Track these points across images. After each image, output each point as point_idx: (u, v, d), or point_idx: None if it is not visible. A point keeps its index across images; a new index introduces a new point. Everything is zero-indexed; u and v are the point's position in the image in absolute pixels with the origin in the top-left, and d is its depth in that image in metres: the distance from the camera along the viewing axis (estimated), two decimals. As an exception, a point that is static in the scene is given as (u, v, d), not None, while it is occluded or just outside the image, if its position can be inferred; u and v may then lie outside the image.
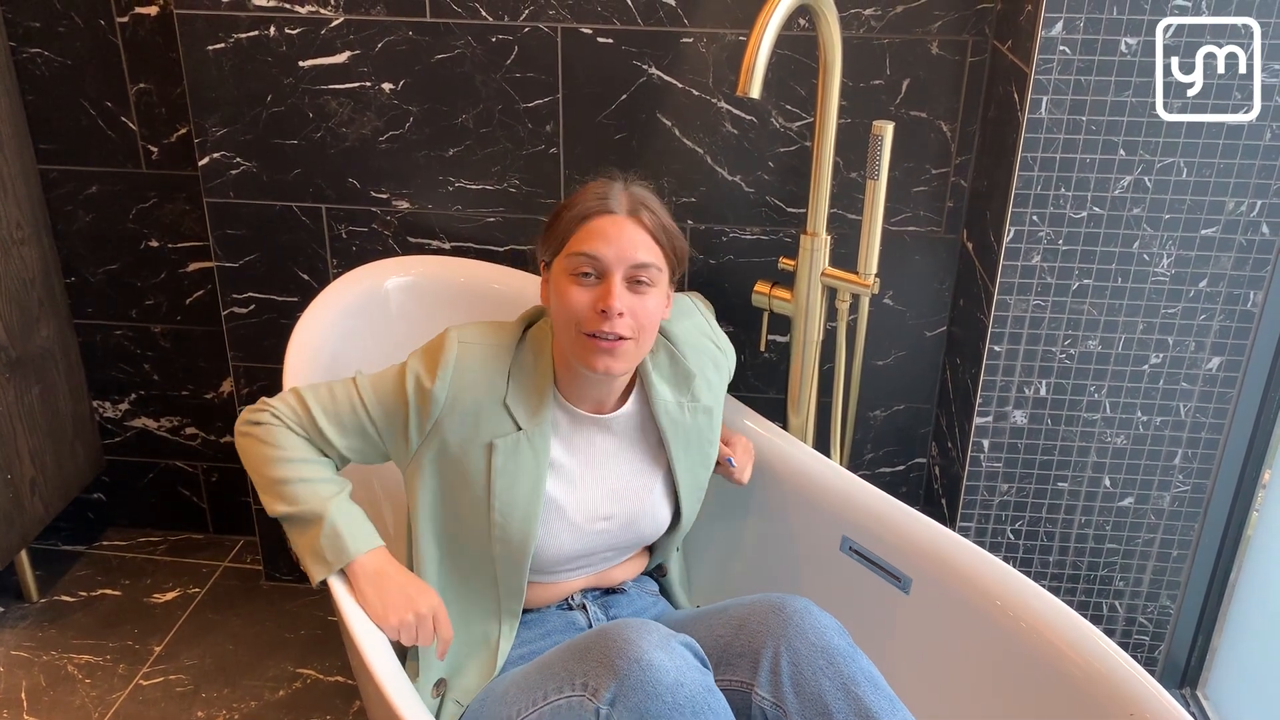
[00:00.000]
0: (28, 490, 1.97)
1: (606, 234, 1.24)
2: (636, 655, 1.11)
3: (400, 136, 1.78)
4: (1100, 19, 1.40)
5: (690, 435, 1.40)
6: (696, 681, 1.12)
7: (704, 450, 1.42)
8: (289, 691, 1.88)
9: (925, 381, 1.89)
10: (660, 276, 1.28)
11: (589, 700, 1.12)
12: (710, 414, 1.42)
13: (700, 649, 1.18)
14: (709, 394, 1.42)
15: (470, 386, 1.29)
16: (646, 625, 1.15)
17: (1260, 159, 1.46)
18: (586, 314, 1.24)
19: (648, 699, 1.09)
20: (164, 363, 2.12)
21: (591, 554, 1.38)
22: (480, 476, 1.29)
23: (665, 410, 1.37)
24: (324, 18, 1.71)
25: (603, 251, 1.24)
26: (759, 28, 1.30)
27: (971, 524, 1.74)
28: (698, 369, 1.40)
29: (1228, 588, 1.74)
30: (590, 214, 1.26)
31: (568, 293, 1.25)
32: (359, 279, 1.71)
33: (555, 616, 1.40)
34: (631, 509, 1.38)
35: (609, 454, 1.37)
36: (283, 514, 1.28)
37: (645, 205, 1.28)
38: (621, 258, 1.24)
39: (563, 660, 1.18)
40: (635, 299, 1.25)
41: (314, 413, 1.31)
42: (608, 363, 1.25)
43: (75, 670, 1.92)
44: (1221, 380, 1.60)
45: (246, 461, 1.33)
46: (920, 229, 1.78)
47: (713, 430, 1.43)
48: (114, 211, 2.00)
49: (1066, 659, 1.24)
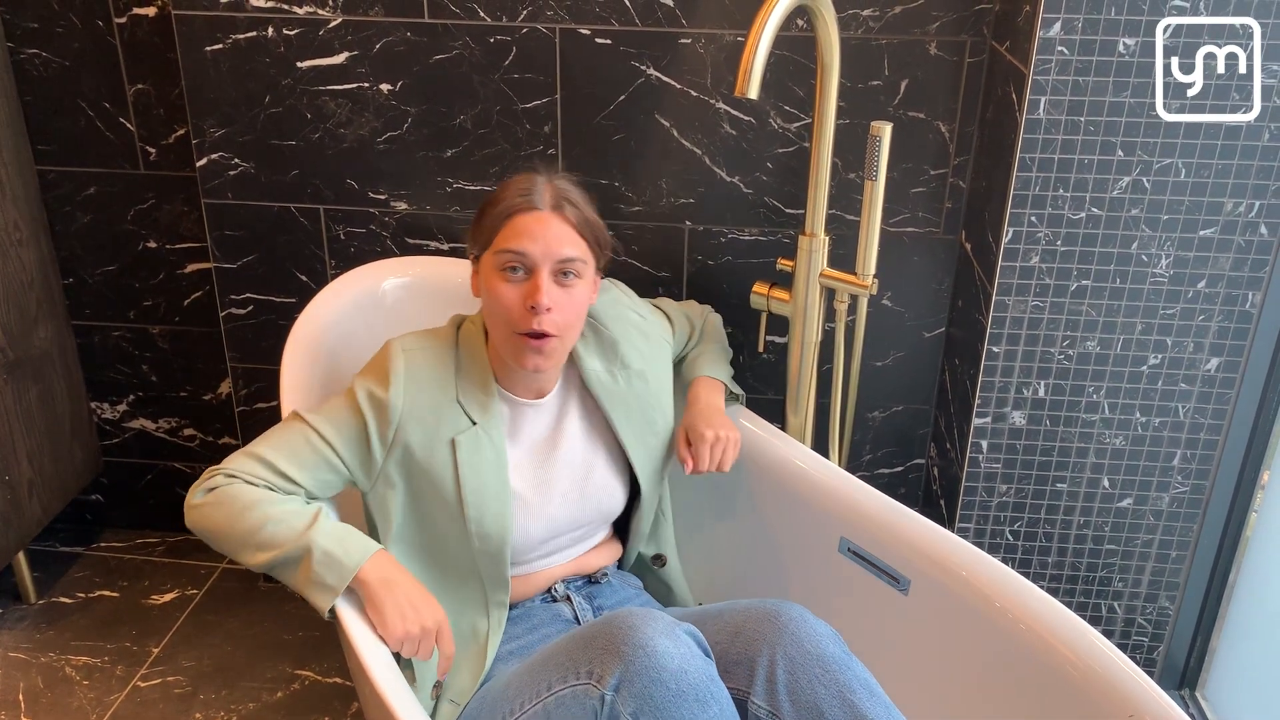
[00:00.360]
0: (25, 491, 1.97)
1: (531, 231, 1.28)
2: (641, 641, 1.12)
3: (398, 137, 1.78)
4: (1098, 19, 1.40)
5: (629, 402, 1.44)
6: (700, 670, 1.13)
7: (647, 415, 1.46)
8: (287, 693, 1.88)
9: (924, 382, 1.89)
10: (586, 268, 1.32)
11: (594, 687, 1.12)
12: (645, 379, 1.46)
13: (703, 638, 1.19)
14: (640, 359, 1.46)
15: (424, 388, 1.33)
16: (651, 613, 1.16)
17: (1258, 159, 1.46)
18: (517, 312, 1.28)
19: (652, 684, 1.10)
20: (162, 364, 2.12)
21: (558, 535, 1.40)
22: (448, 474, 1.32)
23: (598, 380, 1.43)
24: (322, 18, 1.71)
25: (528, 248, 1.28)
26: (757, 28, 1.29)
27: (970, 525, 1.74)
28: (621, 335, 1.45)
29: (1227, 589, 1.74)
30: (514, 210, 1.30)
31: (497, 289, 1.29)
32: (357, 280, 1.71)
33: (541, 609, 1.41)
34: (584, 481, 1.41)
35: (553, 431, 1.41)
36: (267, 563, 1.25)
37: (568, 200, 1.32)
38: (547, 253, 1.28)
39: (566, 650, 1.18)
40: (562, 292, 1.30)
41: (269, 459, 1.28)
42: (537, 361, 1.30)
43: (73, 672, 1.91)
44: (1220, 381, 1.60)
45: (210, 533, 1.27)
46: (919, 230, 1.78)
47: (653, 396, 1.47)
48: (112, 212, 1.99)
49: (1065, 660, 1.24)
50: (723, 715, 1.12)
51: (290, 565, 1.25)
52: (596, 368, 1.43)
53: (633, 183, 1.78)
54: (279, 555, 1.24)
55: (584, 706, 1.13)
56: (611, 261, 1.41)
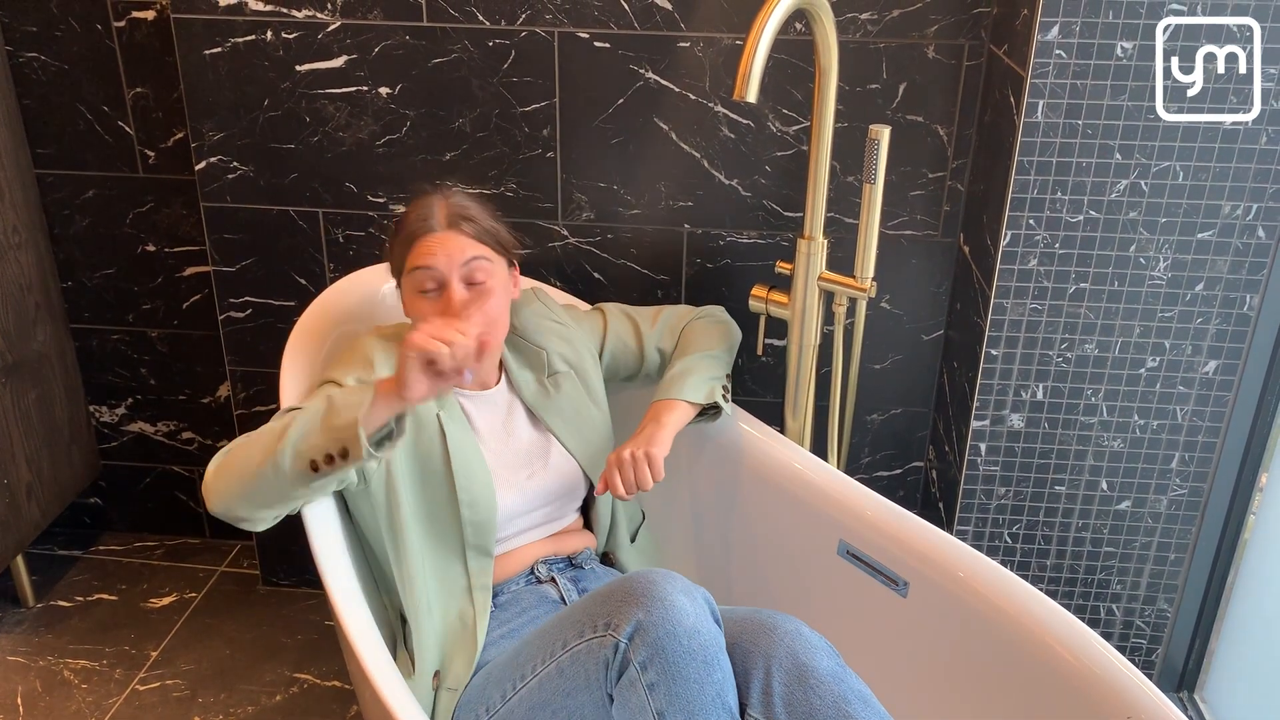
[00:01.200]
0: (24, 495, 1.96)
1: (433, 250, 1.36)
2: (661, 595, 1.15)
3: (397, 140, 1.78)
4: (1096, 23, 1.41)
5: (562, 406, 1.50)
6: (712, 633, 1.16)
7: (583, 414, 1.51)
8: (286, 696, 1.88)
9: (922, 385, 1.89)
10: (493, 266, 1.38)
11: (609, 636, 1.15)
12: (573, 378, 1.52)
13: (717, 608, 1.21)
14: (564, 362, 1.52)
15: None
16: (671, 574, 1.20)
17: (1256, 162, 1.46)
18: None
19: (667, 637, 1.13)
20: (161, 367, 2.12)
21: (533, 508, 1.45)
22: (436, 448, 1.37)
23: (530, 392, 1.49)
24: (321, 22, 1.71)
25: (432, 263, 1.35)
26: (755, 32, 1.30)
27: (969, 527, 1.74)
28: (545, 345, 1.52)
29: (1225, 591, 1.74)
30: (415, 235, 1.37)
31: (418, 307, 1.37)
32: (356, 283, 1.71)
33: (527, 593, 1.44)
34: (545, 458, 1.46)
35: (505, 421, 1.47)
36: (288, 440, 1.21)
37: (463, 216, 1.38)
38: (451, 263, 1.35)
39: (584, 608, 1.21)
40: (475, 291, 1.36)
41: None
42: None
43: (71, 675, 1.91)
44: (1218, 384, 1.60)
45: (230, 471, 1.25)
46: (917, 233, 1.78)
47: (586, 393, 1.53)
48: (111, 216, 1.99)
49: (1064, 663, 1.24)
50: (726, 682, 1.15)
51: (313, 422, 1.21)
52: (528, 381, 1.50)
53: (631, 186, 1.78)
54: (298, 425, 1.21)
55: (597, 659, 1.16)
56: (521, 259, 1.46)
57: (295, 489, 1.24)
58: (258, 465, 1.23)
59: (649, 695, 1.12)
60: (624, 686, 1.14)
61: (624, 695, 1.14)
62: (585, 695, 1.18)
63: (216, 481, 1.26)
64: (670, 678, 1.12)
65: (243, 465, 1.24)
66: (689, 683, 1.12)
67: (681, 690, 1.12)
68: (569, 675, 1.19)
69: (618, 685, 1.15)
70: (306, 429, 1.22)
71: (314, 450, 1.21)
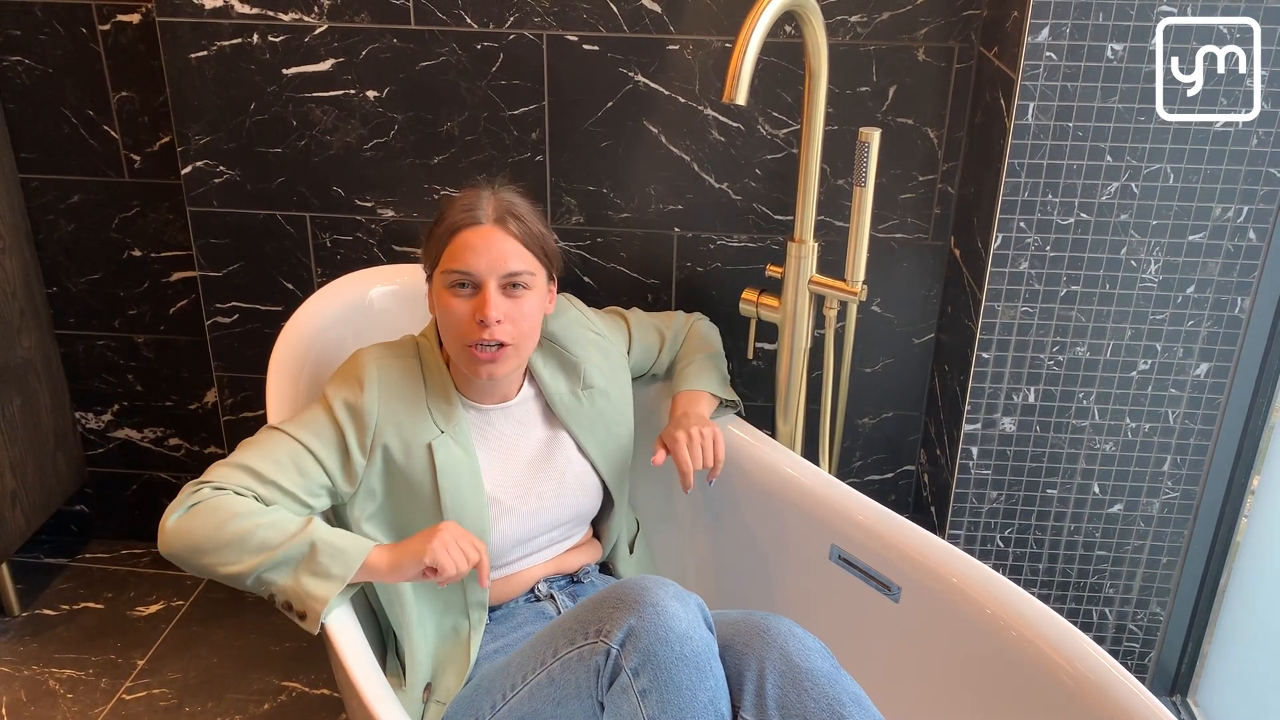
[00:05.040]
0: (9, 502, 1.95)
1: (475, 247, 1.30)
2: (653, 600, 1.15)
3: (385, 144, 1.77)
4: (1086, 25, 1.40)
5: (592, 419, 1.47)
6: (705, 639, 1.15)
7: (610, 431, 1.48)
8: (274, 705, 1.86)
9: (914, 389, 1.89)
10: (535, 280, 1.34)
11: (601, 643, 1.14)
12: (608, 395, 1.49)
13: (709, 614, 1.21)
14: (601, 377, 1.49)
15: (397, 393, 1.34)
16: (663, 580, 1.19)
17: (1247, 164, 1.46)
18: (466, 326, 1.30)
19: (658, 642, 1.12)
20: (147, 373, 2.10)
21: (537, 534, 1.42)
22: (427, 478, 1.33)
23: (560, 401, 1.45)
24: (307, 25, 1.70)
25: (473, 265, 1.30)
26: (745, 34, 1.29)
27: (961, 531, 1.73)
28: (583, 356, 1.48)
29: (1218, 594, 1.74)
30: (459, 227, 1.32)
31: (448, 306, 1.32)
32: (343, 288, 1.70)
33: (525, 609, 1.42)
34: (556, 481, 1.42)
35: (518, 434, 1.43)
36: (257, 566, 1.20)
37: (512, 213, 1.33)
38: (493, 268, 1.30)
39: (576, 616, 1.20)
40: (512, 304, 1.31)
41: (254, 468, 1.27)
42: (490, 369, 1.32)
43: (57, 685, 1.89)
44: (1210, 386, 1.60)
45: (192, 544, 1.21)
46: (908, 236, 1.77)
47: (616, 411, 1.50)
48: (96, 221, 1.98)
49: (1056, 667, 1.24)
50: (719, 689, 1.15)
51: (288, 564, 1.22)
52: (561, 390, 1.46)
53: (621, 189, 1.78)
54: (274, 556, 1.21)
55: (588, 666, 1.15)
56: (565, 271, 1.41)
57: (251, 590, 1.25)
58: (219, 560, 1.21)
59: (641, 702, 1.11)
60: (615, 693, 1.13)
61: (615, 702, 1.13)
62: (576, 704, 1.17)
63: (175, 540, 1.23)
64: (662, 684, 1.11)
65: (207, 540, 1.21)
66: (681, 689, 1.11)
67: (673, 697, 1.11)
68: (560, 683, 1.17)
69: (609, 692, 1.14)
70: (279, 562, 1.22)
71: (278, 591, 1.23)
